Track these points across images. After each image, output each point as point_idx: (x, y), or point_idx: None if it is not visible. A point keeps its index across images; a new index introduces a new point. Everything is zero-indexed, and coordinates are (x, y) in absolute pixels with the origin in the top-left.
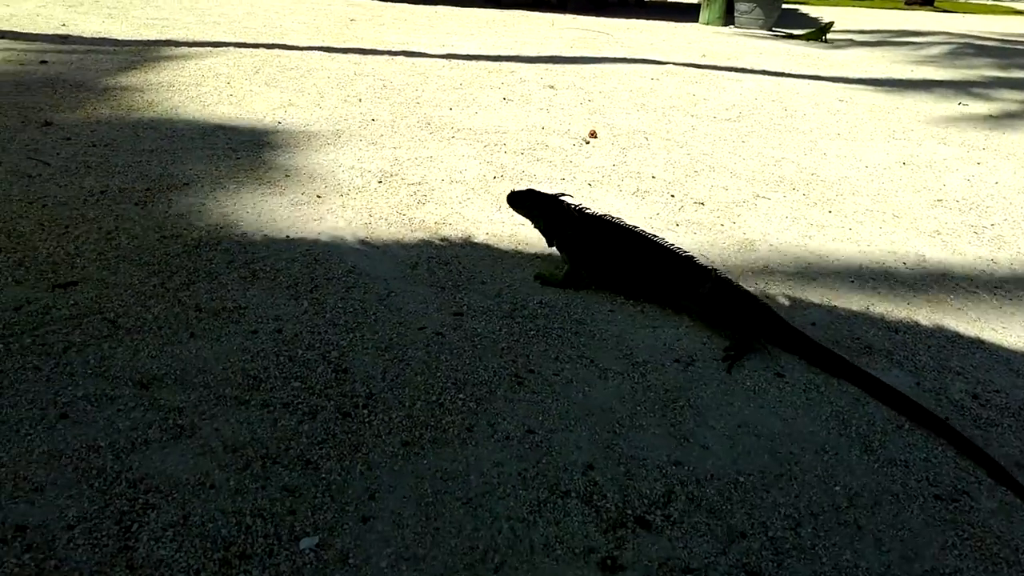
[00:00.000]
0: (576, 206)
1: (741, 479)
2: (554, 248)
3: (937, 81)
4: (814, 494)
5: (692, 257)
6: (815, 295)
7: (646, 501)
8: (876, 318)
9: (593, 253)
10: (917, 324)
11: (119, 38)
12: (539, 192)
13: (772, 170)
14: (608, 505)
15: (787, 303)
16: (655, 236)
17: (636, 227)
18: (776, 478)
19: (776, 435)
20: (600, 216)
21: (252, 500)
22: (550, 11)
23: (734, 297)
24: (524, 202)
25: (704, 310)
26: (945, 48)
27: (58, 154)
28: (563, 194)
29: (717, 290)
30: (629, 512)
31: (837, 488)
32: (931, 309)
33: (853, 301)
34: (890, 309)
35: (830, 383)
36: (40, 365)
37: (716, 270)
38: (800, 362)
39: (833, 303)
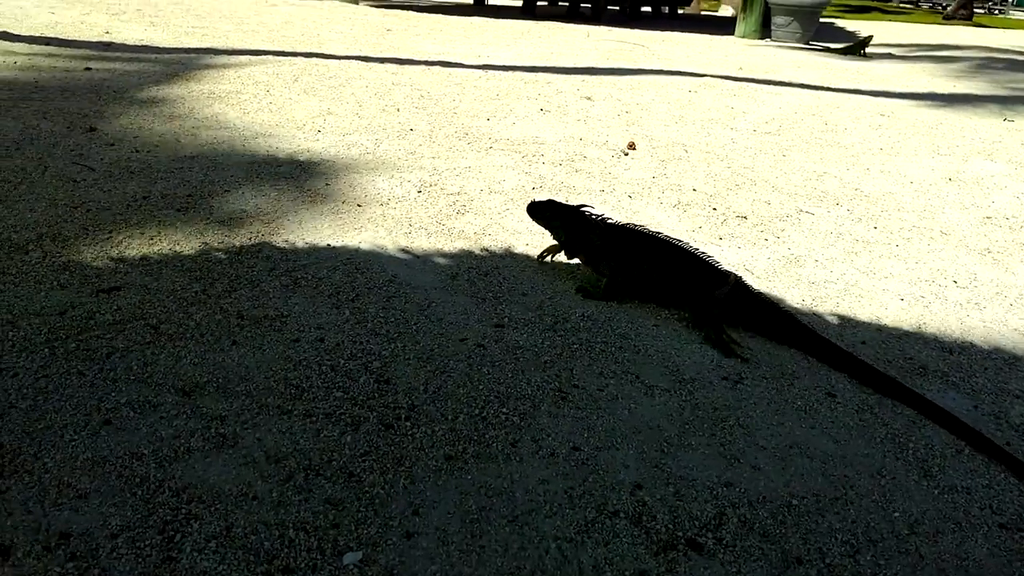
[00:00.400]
0: (599, 216)
1: (794, 502)
2: (575, 260)
3: (980, 96)
4: (872, 520)
5: (715, 262)
6: (864, 313)
7: (697, 523)
8: (929, 338)
9: (619, 260)
10: (972, 345)
11: (161, 46)
12: (560, 203)
13: (814, 184)
14: (658, 526)
15: (836, 320)
16: (679, 241)
17: (659, 233)
18: (831, 502)
19: (829, 457)
20: (623, 224)
21: (295, 513)
22: (584, 23)
23: (752, 301)
24: (544, 212)
25: (724, 313)
26: (986, 63)
27: (102, 159)
28: (584, 205)
29: (736, 294)
30: (680, 534)
31: (896, 514)
32: (986, 330)
33: (904, 320)
34: (943, 329)
35: (883, 404)
36: (84, 370)
37: (738, 276)
38: (851, 382)
39: (883, 321)
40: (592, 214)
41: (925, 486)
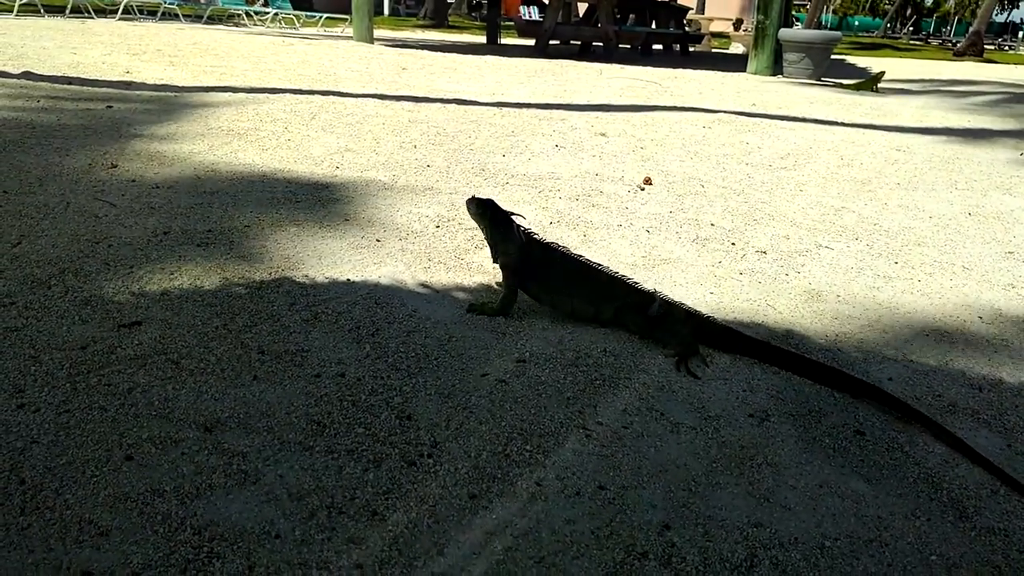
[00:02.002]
0: (525, 229)
1: (827, 544)
2: (497, 265)
3: (995, 131)
4: (909, 563)
5: (636, 283)
6: (889, 349)
7: (728, 565)
8: (956, 374)
9: (528, 274)
10: (1001, 381)
11: (180, 84)
12: (497, 206)
13: (833, 219)
14: (689, 568)
15: (861, 356)
16: (599, 264)
17: (580, 256)
18: (866, 544)
19: (861, 497)
20: (546, 243)
21: (318, 552)
22: (597, 61)
23: (681, 317)
24: (480, 210)
25: (652, 329)
26: (999, 98)
27: (123, 195)
28: (515, 214)
29: (664, 311)
30: None
31: (933, 558)
32: (1015, 366)
33: (930, 356)
34: (971, 365)
35: (915, 442)
36: (106, 405)
37: (662, 295)
38: (882, 419)
39: (909, 357)
40: (519, 225)
41: (962, 528)
